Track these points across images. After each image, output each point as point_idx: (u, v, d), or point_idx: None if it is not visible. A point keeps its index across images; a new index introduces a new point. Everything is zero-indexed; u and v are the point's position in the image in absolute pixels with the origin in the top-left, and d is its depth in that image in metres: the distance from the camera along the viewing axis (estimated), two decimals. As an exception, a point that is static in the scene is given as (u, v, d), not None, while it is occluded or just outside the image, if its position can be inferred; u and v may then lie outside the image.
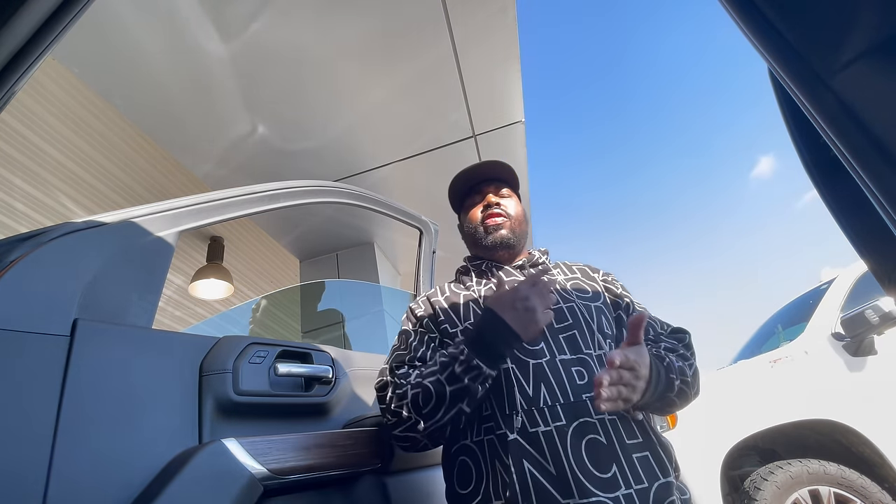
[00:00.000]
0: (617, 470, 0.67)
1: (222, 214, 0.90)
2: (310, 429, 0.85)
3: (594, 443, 0.69)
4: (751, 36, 0.35)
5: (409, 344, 0.86)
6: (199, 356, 0.74)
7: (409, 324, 0.92)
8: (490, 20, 1.95)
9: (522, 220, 0.98)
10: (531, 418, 0.71)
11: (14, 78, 0.50)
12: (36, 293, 0.58)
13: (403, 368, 0.81)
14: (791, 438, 2.18)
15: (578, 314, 0.83)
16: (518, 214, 0.98)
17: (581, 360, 0.77)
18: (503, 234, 0.94)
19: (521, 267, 0.95)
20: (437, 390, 0.72)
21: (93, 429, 0.57)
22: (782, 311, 2.98)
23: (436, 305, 0.91)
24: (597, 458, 0.67)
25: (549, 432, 0.69)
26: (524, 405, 0.73)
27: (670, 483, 0.69)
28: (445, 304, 0.90)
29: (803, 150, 0.48)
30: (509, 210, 0.97)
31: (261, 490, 0.67)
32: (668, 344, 0.84)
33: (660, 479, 0.68)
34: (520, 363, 0.77)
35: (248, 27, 1.83)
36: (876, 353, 2.09)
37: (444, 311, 0.89)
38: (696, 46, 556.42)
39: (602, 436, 0.69)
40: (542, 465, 0.68)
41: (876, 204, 0.32)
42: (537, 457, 0.69)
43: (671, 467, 0.72)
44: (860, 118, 0.31)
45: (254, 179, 2.47)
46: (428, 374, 0.75)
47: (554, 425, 0.70)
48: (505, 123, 2.49)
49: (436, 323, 0.88)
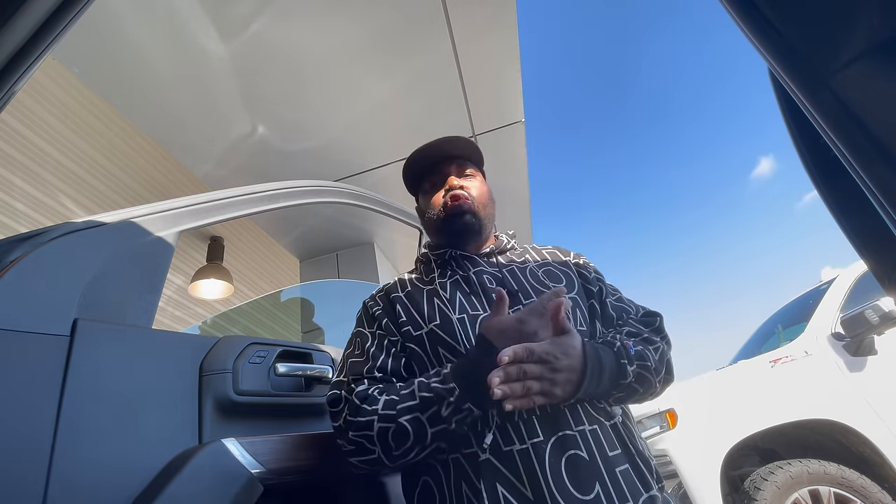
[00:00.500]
0: (600, 489, 0.61)
1: (222, 214, 0.90)
2: (310, 429, 0.85)
3: (575, 460, 0.62)
4: (751, 36, 0.35)
5: (367, 350, 0.76)
6: (199, 356, 0.74)
7: (365, 325, 0.82)
8: (490, 20, 1.95)
9: (488, 201, 0.88)
10: (505, 435, 0.64)
11: (14, 78, 0.50)
12: (36, 293, 0.58)
13: (363, 385, 0.71)
14: (791, 438, 2.18)
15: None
16: (482, 196, 0.87)
17: None
18: (467, 220, 0.83)
19: (489, 255, 0.86)
20: (415, 430, 0.63)
21: (93, 429, 0.57)
22: (782, 311, 2.98)
23: (396, 303, 0.81)
24: (578, 477, 0.61)
25: (524, 451, 0.62)
26: (497, 419, 0.65)
27: (654, 497, 0.64)
28: (407, 302, 0.80)
29: (803, 150, 0.48)
30: (473, 192, 0.86)
31: (261, 490, 0.67)
32: (632, 328, 0.77)
33: (643, 495, 0.63)
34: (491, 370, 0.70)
35: (248, 27, 1.83)
36: (876, 353, 2.09)
37: (405, 310, 0.79)
38: (697, 46, 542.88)
39: (584, 451, 0.63)
40: (517, 488, 0.61)
41: (876, 204, 0.32)
42: (512, 479, 0.62)
43: (653, 480, 0.67)
44: (860, 118, 0.31)
45: (254, 179, 2.47)
46: (404, 408, 0.65)
47: (530, 443, 0.63)
48: (505, 123, 2.49)
49: (396, 325, 0.79)
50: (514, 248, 0.92)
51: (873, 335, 2.07)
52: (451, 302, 0.77)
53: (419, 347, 0.75)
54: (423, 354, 0.74)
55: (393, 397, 0.67)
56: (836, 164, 0.35)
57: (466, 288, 0.80)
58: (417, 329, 0.76)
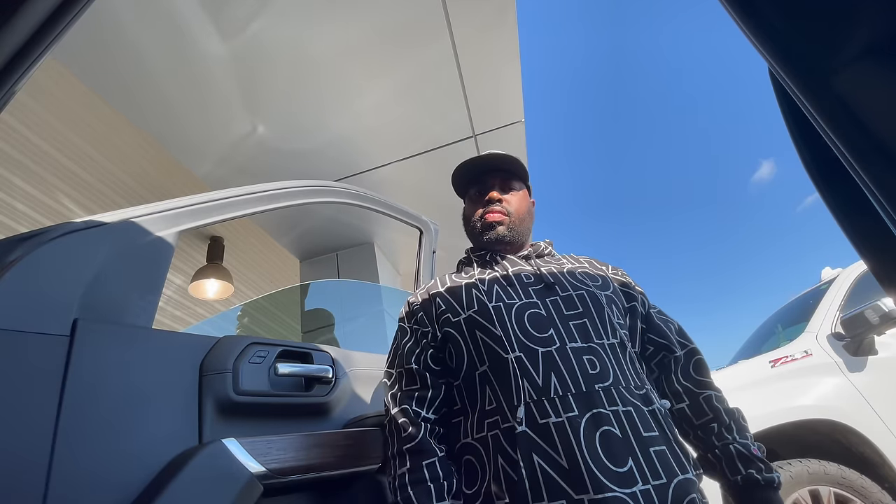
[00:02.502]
0: (633, 464, 0.63)
1: (222, 214, 0.90)
2: (310, 429, 0.85)
3: (608, 435, 0.64)
4: (751, 36, 0.35)
5: (404, 347, 0.84)
6: (199, 356, 0.74)
7: (405, 319, 0.89)
8: (490, 20, 1.94)
9: (524, 216, 0.95)
10: (541, 409, 0.67)
11: (14, 78, 0.50)
12: (36, 293, 0.58)
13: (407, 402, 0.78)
14: (791, 438, 2.18)
15: (588, 302, 0.80)
16: (520, 211, 0.95)
17: (591, 349, 0.73)
18: (500, 232, 0.91)
19: (527, 257, 0.92)
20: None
21: (93, 429, 0.57)
22: (782, 311, 2.98)
23: (436, 297, 0.87)
24: (612, 451, 0.63)
25: (560, 423, 0.65)
26: (533, 395, 0.68)
27: (691, 480, 0.66)
28: (446, 294, 0.87)
29: (803, 151, 0.48)
30: (510, 207, 0.94)
31: (261, 490, 0.67)
32: (733, 425, 0.81)
33: (678, 476, 0.65)
34: (528, 351, 0.72)
35: (248, 27, 1.83)
36: (876, 353, 2.09)
37: (444, 300, 0.86)
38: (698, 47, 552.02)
39: (616, 428, 0.65)
40: (553, 458, 0.63)
41: (876, 204, 0.32)
42: (548, 450, 0.64)
43: (690, 464, 0.69)
44: (860, 118, 0.31)
45: (254, 179, 2.46)
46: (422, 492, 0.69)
47: (566, 416, 0.65)
48: (505, 123, 2.49)
49: (433, 315, 0.85)
50: (552, 253, 0.97)
51: (873, 335, 2.07)
52: (489, 292, 0.83)
53: (457, 332, 0.80)
54: (461, 338, 0.80)
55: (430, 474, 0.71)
56: (836, 164, 0.35)
57: (504, 282, 0.85)
58: (456, 316, 0.82)
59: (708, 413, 0.82)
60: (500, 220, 0.92)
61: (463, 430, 0.76)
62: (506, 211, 0.93)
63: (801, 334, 2.32)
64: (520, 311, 0.78)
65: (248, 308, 3.24)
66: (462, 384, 0.79)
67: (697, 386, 0.85)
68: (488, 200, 0.94)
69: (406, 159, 2.61)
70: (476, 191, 0.98)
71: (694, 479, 0.67)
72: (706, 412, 0.82)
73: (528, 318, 0.77)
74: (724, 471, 0.78)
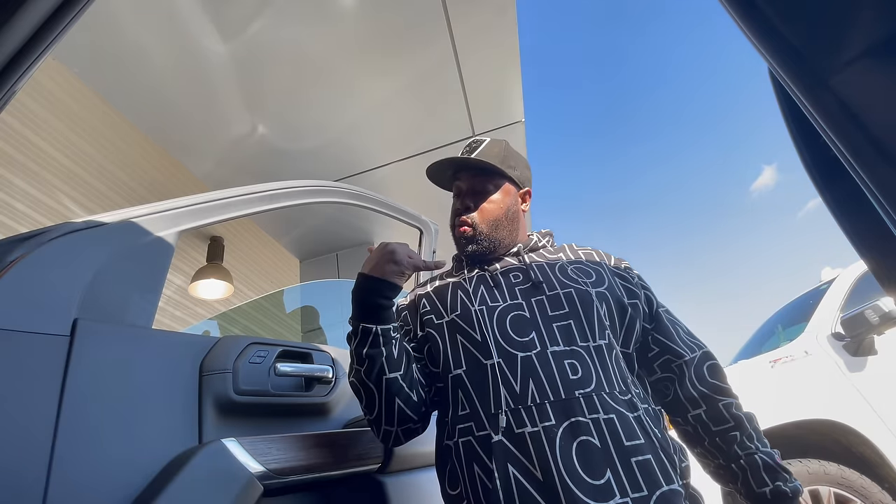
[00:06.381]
0: (612, 476, 0.61)
1: (222, 214, 0.90)
2: (310, 429, 0.85)
3: (586, 445, 0.62)
4: (751, 36, 0.35)
5: None
6: (199, 356, 0.74)
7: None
8: (490, 20, 1.94)
9: (500, 219, 0.87)
10: (518, 418, 0.65)
11: (14, 78, 0.50)
12: (36, 293, 0.58)
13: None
14: (791, 438, 2.18)
15: (576, 300, 0.76)
16: (491, 216, 0.86)
17: (573, 353, 0.70)
18: (470, 250, 0.86)
19: (517, 253, 0.87)
20: (357, 381, 0.73)
21: (93, 429, 0.57)
22: (782, 311, 2.98)
23: (422, 298, 0.86)
24: (589, 462, 0.61)
25: (536, 433, 0.63)
26: (510, 403, 0.66)
27: (676, 491, 0.63)
28: (433, 295, 0.85)
29: (803, 150, 0.48)
30: (478, 216, 0.86)
31: (261, 490, 0.67)
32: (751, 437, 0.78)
33: (662, 487, 0.62)
34: (507, 356, 0.70)
35: (248, 27, 1.83)
36: (876, 353, 2.09)
37: (430, 301, 0.84)
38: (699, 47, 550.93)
39: (596, 437, 0.63)
40: (528, 469, 0.62)
41: (876, 204, 0.32)
42: (523, 461, 0.63)
43: (676, 474, 0.66)
44: (860, 118, 0.31)
45: (254, 179, 2.46)
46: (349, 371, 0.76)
47: (542, 425, 0.64)
48: (505, 123, 2.49)
49: (417, 315, 0.84)
50: (547, 246, 0.92)
51: (873, 335, 2.07)
52: (474, 294, 0.80)
53: (438, 334, 0.79)
54: (441, 340, 0.78)
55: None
56: (836, 164, 0.35)
57: (490, 282, 0.82)
58: (439, 318, 0.80)
59: (729, 420, 0.79)
60: (467, 237, 0.86)
61: (443, 431, 0.76)
62: (471, 223, 0.86)
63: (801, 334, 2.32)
64: (502, 315, 0.75)
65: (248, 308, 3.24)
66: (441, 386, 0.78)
67: (716, 391, 0.81)
68: (458, 209, 0.89)
69: (406, 159, 2.61)
70: (453, 194, 0.93)
71: (680, 490, 0.64)
72: (726, 419, 0.79)
73: (510, 322, 0.74)
74: (749, 482, 0.74)
